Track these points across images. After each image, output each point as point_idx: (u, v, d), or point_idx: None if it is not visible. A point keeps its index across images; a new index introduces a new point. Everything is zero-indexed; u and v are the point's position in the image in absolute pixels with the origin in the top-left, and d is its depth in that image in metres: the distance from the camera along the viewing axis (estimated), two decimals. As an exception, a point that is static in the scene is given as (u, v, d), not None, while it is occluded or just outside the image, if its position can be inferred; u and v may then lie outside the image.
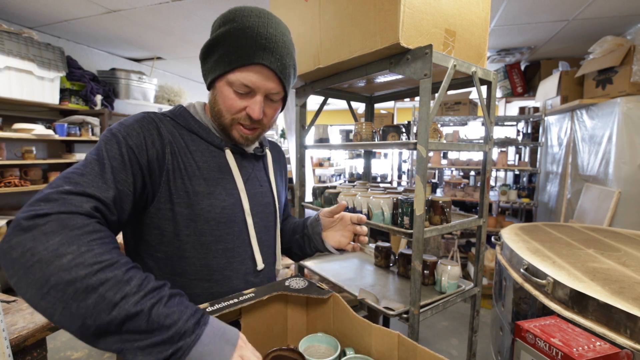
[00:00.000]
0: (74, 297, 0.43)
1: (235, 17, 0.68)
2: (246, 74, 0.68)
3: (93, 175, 0.56)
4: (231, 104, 0.71)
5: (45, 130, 2.76)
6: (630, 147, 2.27)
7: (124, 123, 0.67)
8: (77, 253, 0.45)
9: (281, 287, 0.76)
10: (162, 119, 0.72)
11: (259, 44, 0.67)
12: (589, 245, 1.23)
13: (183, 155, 0.71)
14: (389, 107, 6.35)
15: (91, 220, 0.51)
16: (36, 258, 0.44)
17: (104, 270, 0.46)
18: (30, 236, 0.45)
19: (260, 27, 0.67)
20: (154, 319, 0.45)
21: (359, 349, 0.67)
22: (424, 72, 1.07)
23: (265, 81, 0.70)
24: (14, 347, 0.89)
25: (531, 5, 2.49)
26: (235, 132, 0.75)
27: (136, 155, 0.63)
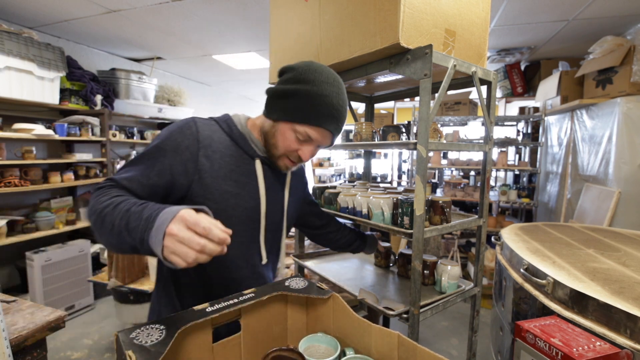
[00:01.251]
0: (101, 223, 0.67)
1: (314, 81, 0.81)
2: (313, 132, 0.83)
3: (129, 172, 0.77)
4: (289, 145, 0.85)
5: (45, 130, 2.76)
6: (630, 147, 2.27)
7: (170, 129, 0.82)
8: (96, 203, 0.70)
9: (281, 287, 0.76)
10: (205, 124, 0.85)
11: (331, 114, 0.83)
12: (589, 245, 1.23)
13: (218, 158, 0.84)
14: (389, 107, 6.35)
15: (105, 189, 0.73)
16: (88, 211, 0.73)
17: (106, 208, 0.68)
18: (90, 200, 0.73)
19: (334, 98, 0.82)
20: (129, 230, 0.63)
21: (359, 349, 0.67)
22: (424, 72, 1.07)
23: (324, 139, 0.86)
24: (14, 347, 0.89)
25: (531, 5, 2.48)
26: (282, 163, 0.90)
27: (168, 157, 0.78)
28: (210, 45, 3.50)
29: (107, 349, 2.41)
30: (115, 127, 3.60)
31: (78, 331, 2.63)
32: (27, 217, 2.83)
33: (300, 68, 0.84)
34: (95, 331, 2.64)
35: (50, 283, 2.67)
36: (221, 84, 5.57)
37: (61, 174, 2.98)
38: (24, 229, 2.73)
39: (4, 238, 2.55)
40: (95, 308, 3.04)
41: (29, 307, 1.08)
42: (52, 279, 2.69)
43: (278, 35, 1.55)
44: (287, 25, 1.49)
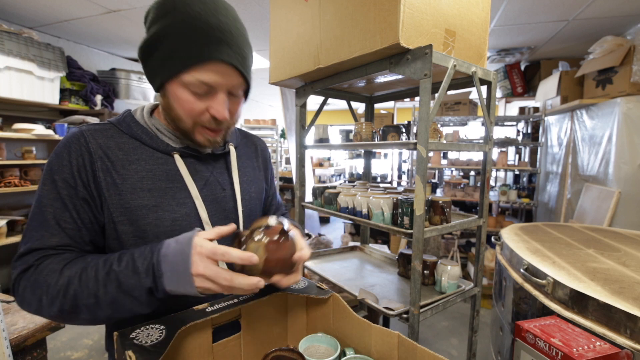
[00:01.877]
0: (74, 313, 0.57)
1: (176, 6, 0.59)
2: (204, 73, 0.60)
3: (37, 228, 0.62)
4: (191, 107, 0.64)
5: (45, 130, 2.76)
6: (630, 147, 2.27)
7: (56, 151, 0.64)
8: (45, 293, 0.57)
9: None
10: (97, 131, 0.67)
11: (213, 37, 0.59)
12: (589, 245, 1.23)
13: (120, 168, 0.65)
14: (389, 107, 6.35)
15: (34, 267, 0.60)
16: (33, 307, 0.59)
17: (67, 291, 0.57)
18: (20, 296, 0.60)
19: (208, 15, 0.59)
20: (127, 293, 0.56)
21: (359, 349, 0.67)
22: (424, 72, 1.07)
23: (227, 77, 0.63)
24: (14, 347, 0.89)
25: (531, 5, 2.49)
26: (200, 136, 0.68)
27: (71, 186, 0.62)
28: (210, 45, 3.50)
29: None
30: (115, 127, 3.60)
31: (78, 331, 2.63)
32: (27, 217, 2.83)
33: (156, 2, 0.62)
34: (95, 331, 2.64)
35: (50, 283, 2.67)
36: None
37: (61, 174, 2.98)
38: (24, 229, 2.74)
39: (4, 238, 2.56)
40: (95, 308, 3.04)
41: (29, 307, 1.07)
42: (52, 279, 2.69)
43: (278, 35, 1.55)
44: (287, 25, 1.49)
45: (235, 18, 0.63)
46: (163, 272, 0.55)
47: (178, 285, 0.55)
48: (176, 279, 0.54)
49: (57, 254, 0.61)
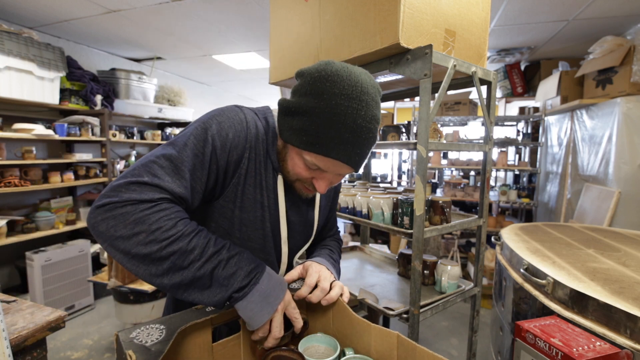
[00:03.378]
0: (152, 263, 0.56)
1: (324, 93, 0.61)
2: (322, 161, 0.66)
3: (170, 170, 0.61)
4: (299, 173, 0.71)
5: (45, 130, 2.76)
6: (630, 147, 2.27)
7: (217, 118, 0.68)
8: (149, 231, 0.55)
9: (281, 287, 0.76)
10: (252, 120, 0.73)
11: (343, 138, 0.62)
12: (589, 245, 1.23)
13: (258, 163, 0.73)
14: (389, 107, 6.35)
15: (155, 204, 0.58)
16: (118, 234, 0.55)
17: (172, 244, 0.56)
18: (111, 216, 0.55)
19: (348, 116, 0.61)
20: (215, 279, 0.59)
21: (359, 349, 0.67)
22: (424, 72, 1.07)
23: (340, 169, 0.68)
24: (14, 347, 0.89)
25: (531, 5, 2.48)
26: (297, 187, 0.76)
27: (217, 156, 0.66)
28: (210, 45, 3.50)
29: (107, 349, 2.41)
30: (115, 127, 3.60)
31: (78, 331, 2.63)
32: (27, 217, 2.83)
33: (310, 75, 0.64)
34: (95, 331, 2.64)
35: (50, 283, 2.67)
36: (221, 84, 5.57)
37: (61, 174, 2.98)
38: (24, 229, 2.73)
39: (4, 238, 2.56)
40: (95, 308, 3.04)
41: (29, 307, 1.08)
42: (52, 279, 2.69)
43: (278, 35, 1.55)
44: (287, 25, 1.49)
45: (373, 117, 0.64)
46: (259, 283, 0.62)
47: (259, 302, 0.61)
48: (264, 296, 0.61)
49: (176, 204, 0.61)
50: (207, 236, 0.61)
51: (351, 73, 0.63)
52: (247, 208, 0.73)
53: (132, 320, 2.27)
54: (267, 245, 0.77)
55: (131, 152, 4.04)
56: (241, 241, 0.75)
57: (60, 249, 2.76)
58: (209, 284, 0.58)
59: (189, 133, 0.65)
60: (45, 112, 3.14)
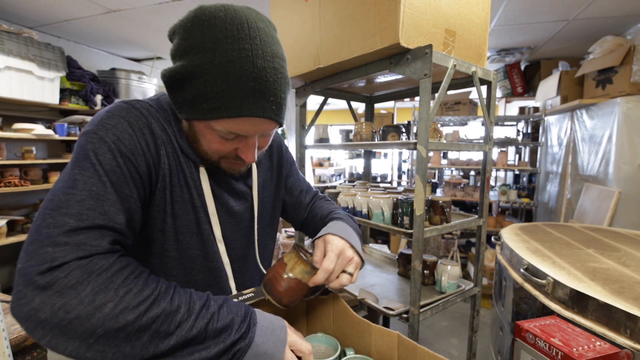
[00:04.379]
0: (126, 340, 0.43)
1: (206, 43, 0.51)
2: (235, 125, 0.55)
3: (94, 199, 0.48)
4: (218, 149, 0.60)
5: (45, 130, 2.76)
6: (630, 147, 2.27)
7: (106, 122, 0.54)
8: (117, 299, 0.43)
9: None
10: (150, 112, 0.60)
11: (247, 87, 0.52)
12: (589, 245, 1.23)
13: (176, 158, 0.62)
14: (389, 107, 6.35)
15: (114, 257, 0.46)
16: (73, 315, 0.41)
17: (152, 308, 0.45)
18: (55, 292, 0.41)
19: (244, 60, 0.51)
20: (210, 335, 0.48)
21: (359, 349, 0.67)
22: (424, 72, 1.07)
23: (259, 127, 0.57)
24: (14, 347, 0.89)
25: (531, 5, 2.48)
26: (225, 165, 0.65)
27: (132, 162, 0.54)
28: (210, 45, 3.50)
29: (107, 349, 2.40)
30: (115, 127, 3.60)
31: (78, 331, 2.63)
32: (27, 217, 2.83)
33: (183, 27, 0.54)
34: (95, 331, 2.64)
35: (50, 283, 2.67)
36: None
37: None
38: (24, 229, 2.73)
39: (4, 238, 2.56)
40: (95, 308, 3.03)
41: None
42: (52, 279, 2.69)
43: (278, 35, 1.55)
44: (287, 25, 1.49)
45: (275, 55, 0.55)
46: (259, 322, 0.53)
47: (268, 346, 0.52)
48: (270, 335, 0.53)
49: (125, 248, 0.51)
50: (186, 290, 0.51)
51: (229, 10, 0.52)
52: (179, 213, 0.62)
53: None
54: (209, 250, 0.67)
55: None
56: (179, 252, 0.64)
57: (60, 249, 2.76)
58: (201, 342, 0.48)
59: (85, 151, 0.51)
60: (45, 112, 3.14)
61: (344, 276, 0.66)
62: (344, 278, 0.66)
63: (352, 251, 0.68)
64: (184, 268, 0.66)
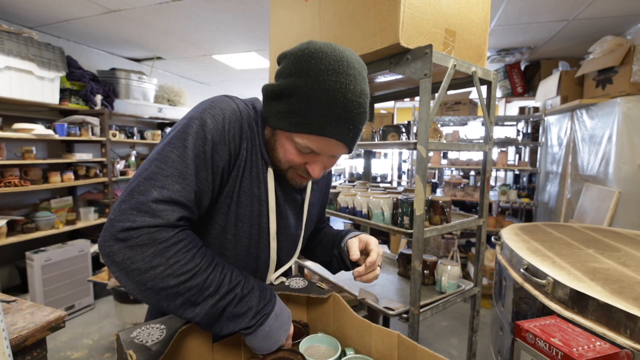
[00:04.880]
0: (165, 298, 0.55)
1: (310, 71, 0.60)
2: (314, 142, 0.63)
3: (176, 176, 0.58)
4: (292, 159, 0.68)
5: (45, 130, 2.76)
6: (630, 147, 2.27)
7: (210, 111, 0.64)
8: (167, 265, 0.54)
9: (281, 287, 0.76)
10: (245, 109, 0.69)
11: (334, 114, 0.60)
12: (589, 245, 1.23)
13: (255, 154, 0.70)
14: (389, 107, 6.35)
15: (175, 231, 0.57)
16: (135, 266, 0.53)
17: (190, 280, 0.56)
18: (128, 246, 0.53)
19: (337, 91, 0.59)
20: (226, 316, 0.59)
21: (359, 349, 0.67)
22: (424, 72, 1.07)
23: (333, 149, 0.66)
24: (14, 347, 0.89)
25: (531, 5, 2.48)
26: (290, 177, 0.72)
27: (219, 153, 0.63)
28: (210, 45, 3.49)
29: (107, 348, 2.41)
30: (115, 127, 3.60)
31: (78, 331, 2.63)
32: (27, 217, 2.83)
33: (294, 55, 0.64)
34: (95, 331, 2.64)
35: (50, 283, 2.67)
36: (221, 84, 5.57)
37: (61, 174, 2.98)
38: (24, 229, 2.73)
39: (4, 238, 2.55)
40: (95, 308, 3.03)
41: (29, 307, 1.08)
42: (52, 279, 2.69)
43: (278, 35, 1.55)
44: (287, 25, 1.49)
45: (361, 93, 0.63)
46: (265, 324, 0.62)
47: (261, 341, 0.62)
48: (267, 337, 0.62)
49: (190, 225, 0.61)
50: (224, 271, 0.60)
51: (335, 49, 0.62)
52: (244, 202, 0.70)
53: (132, 320, 2.27)
54: (261, 241, 0.75)
55: (131, 152, 4.04)
56: (235, 237, 0.71)
57: (60, 249, 2.76)
58: (218, 320, 0.59)
59: (186, 132, 0.61)
60: (45, 112, 3.14)
61: (378, 269, 0.77)
62: (377, 270, 0.77)
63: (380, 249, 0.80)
64: (236, 252, 0.73)
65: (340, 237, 0.89)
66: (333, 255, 0.89)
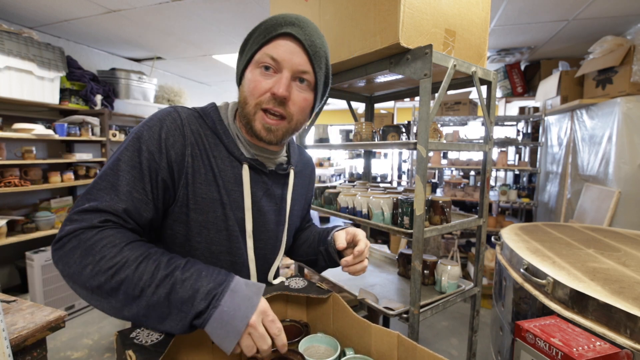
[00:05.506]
0: (109, 295, 0.54)
1: (267, 19, 0.69)
2: (272, 47, 0.67)
3: (108, 189, 0.60)
4: (255, 86, 0.67)
5: (45, 130, 2.76)
6: (630, 147, 2.27)
7: (147, 124, 0.66)
8: (94, 262, 0.54)
9: (281, 287, 0.76)
10: (189, 117, 0.71)
11: (288, 20, 0.67)
12: (589, 245, 1.23)
13: (205, 159, 0.70)
14: (389, 107, 6.35)
15: (99, 230, 0.57)
16: (71, 270, 0.55)
17: (118, 272, 0.54)
18: (63, 253, 0.56)
19: (292, 16, 0.68)
20: (173, 305, 0.54)
21: (359, 349, 0.67)
22: (424, 72, 1.07)
23: (292, 54, 0.67)
24: (14, 347, 0.89)
25: (531, 5, 2.48)
26: (258, 122, 0.69)
27: (156, 161, 0.64)
28: (210, 45, 3.49)
29: (107, 348, 2.40)
30: (115, 127, 3.60)
31: (78, 331, 2.63)
32: (27, 217, 2.83)
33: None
34: (95, 331, 2.64)
35: (50, 283, 2.67)
36: (221, 84, 5.57)
37: (61, 174, 2.98)
38: (24, 229, 2.73)
39: (4, 238, 2.55)
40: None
41: (29, 307, 1.08)
42: (52, 279, 2.69)
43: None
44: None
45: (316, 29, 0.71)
46: (221, 305, 0.53)
47: (223, 327, 0.53)
48: (228, 319, 0.53)
49: (121, 227, 0.60)
50: (157, 259, 0.56)
51: None
52: (205, 209, 0.69)
53: (132, 320, 2.27)
54: (233, 246, 0.73)
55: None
56: (204, 245, 0.70)
57: (60, 249, 2.76)
58: (167, 312, 0.54)
59: (122, 147, 0.64)
60: (45, 112, 3.14)
61: (365, 260, 0.78)
62: (365, 262, 0.78)
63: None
64: (207, 260, 0.71)
65: (326, 233, 0.89)
66: (319, 252, 0.88)
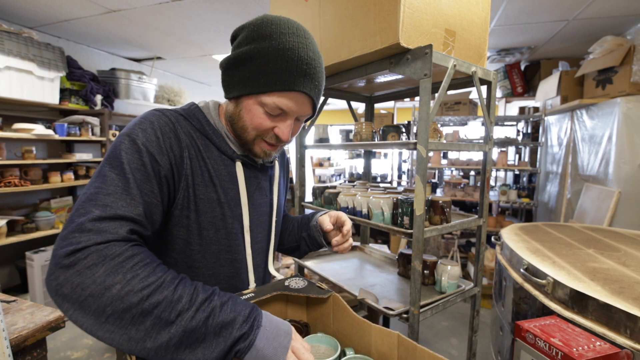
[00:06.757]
0: (131, 322, 0.47)
1: (272, 34, 0.64)
2: (283, 99, 0.66)
3: (119, 193, 0.55)
4: (260, 123, 0.68)
5: (45, 130, 2.76)
6: (630, 147, 2.27)
7: (140, 126, 0.63)
8: (124, 282, 0.48)
9: (281, 286, 0.76)
10: (177, 119, 0.69)
11: (301, 69, 0.64)
12: (589, 245, 1.23)
13: (200, 160, 0.70)
14: (389, 107, 6.35)
15: (128, 245, 0.51)
16: (87, 292, 0.46)
17: (154, 294, 0.48)
18: (75, 272, 0.47)
19: (301, 50, 0.64)
20: (210, 330, 0.50)
21: (359, 349, 0.67)
22: (424, 72, 1.07)
23: (301, 107, 0.69)
24: (14, 347, 0.89)
25: (531, 5, 2.48)
26: (258, 147, 0.73)
27: (158, 162, 0.61)
28: (210, 45, 3.50)
29: (107, 349, 2.41)
30: (115, 127, 3.60)
31: (78, 331, 2.63)
32: (27, 217, 2.83)
33: (252, 24, 0.67)
34: (95, 331, 2.64)
35: (50, 283, 2.67)
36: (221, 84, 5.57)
37: (61, 174, 2.98)
38: (24, 229, 2.73)
39: (4, 238, 2.55)
40: (95, 308, 3.04)
41: (29, 307, 1.08)
42: (52, 279, 2.69)
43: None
44: (287, 25, 1.49)
45: (319, 55, 0.69)
46: (263, 325, 0.54)
47: (270, 344, 0.53)
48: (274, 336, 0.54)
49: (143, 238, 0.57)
50: (193, 283, 0.54)
51: (289, 19, 0.68)
52: (203, 210, 0.69)
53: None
54: (232, 244, 0.74)
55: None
56: (202, 247, 0.70)
57: (60, 249, 2.76)
58: (202, 338, 0.49)
59: (118, 149, 0.59)
60: (45, 112, 3.14)
61: (351, 239, 0.85)
62: (351, 240, 0.86)
63: None
64: (206, 261, 0.72)
65: (306, 219, 0.94)
66: (302, 238, 0.93)
